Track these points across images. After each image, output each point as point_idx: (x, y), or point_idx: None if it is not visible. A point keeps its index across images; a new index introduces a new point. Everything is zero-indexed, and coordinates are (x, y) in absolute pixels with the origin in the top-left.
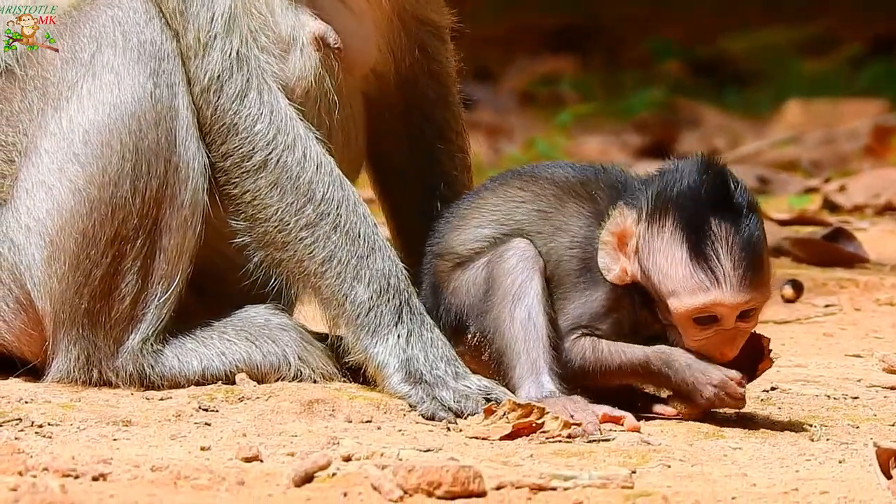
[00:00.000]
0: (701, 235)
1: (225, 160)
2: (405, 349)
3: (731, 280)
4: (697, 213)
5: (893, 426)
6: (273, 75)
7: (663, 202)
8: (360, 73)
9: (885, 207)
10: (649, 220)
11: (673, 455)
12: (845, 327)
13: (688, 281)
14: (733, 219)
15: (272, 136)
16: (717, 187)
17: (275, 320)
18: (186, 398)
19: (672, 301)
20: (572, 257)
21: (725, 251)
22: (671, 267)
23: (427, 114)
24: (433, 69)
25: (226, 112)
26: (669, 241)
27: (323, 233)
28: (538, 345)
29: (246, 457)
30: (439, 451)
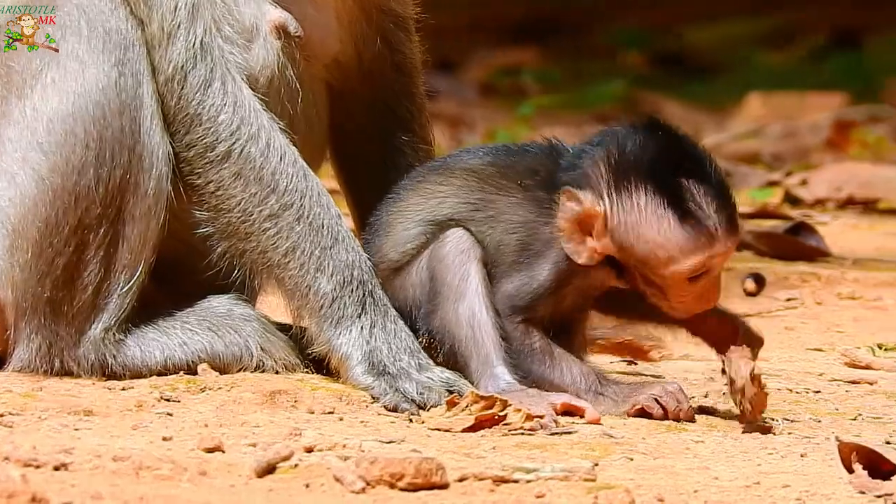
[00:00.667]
0: (679, 196)
1: (189, 150)
2: (368, 340)
3: (721, 230)
4: (665, 174)
5: (855, 420)
6: (236, 65)
7: (623, 172)
8: (322, 63)
9: (846, 201)
10: (614, 194)
11: (636, 448)
12: (807, 321)
13: (683, 244)
14: (699, 170)
15: (236, 127)
16: (672, 144)
17: (237, 311)
18: (148, 388)
19: (668, 269)
20: (511, 242)
21: (707, 204)
22: (662, 236)
23: (391, 105)
24: (397, 60)
25: (189, 102)
26: (649, 211)
27: (286, 224)
28: (487, 339)
29: (208, 447)
30: (402, 443)
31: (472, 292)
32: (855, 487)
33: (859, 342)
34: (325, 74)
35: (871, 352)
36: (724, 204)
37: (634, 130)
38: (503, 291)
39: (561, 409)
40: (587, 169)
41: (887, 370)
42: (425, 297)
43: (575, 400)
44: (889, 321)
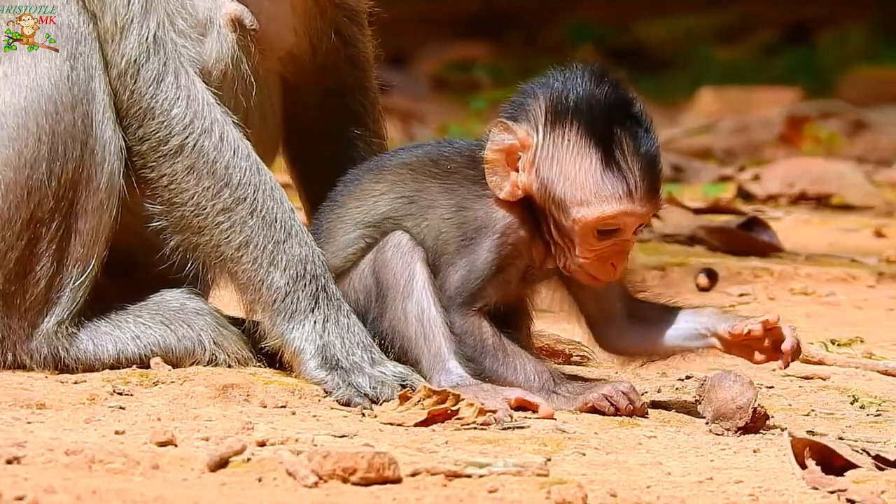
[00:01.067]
0: (610, 144)
1: (142, 144)
2: (321, 335)
3: (641, 190)
4: (604, 120)
5: (808, 416)
6: (190, 59)
7: (563, 109)
8: (276, 56)
9: (799, 196)
10: (549, 129)
11: (588, 443)
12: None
13: (600, 189)
14: (636, 129)
15: (189, 121)
16: (617, 96)
17: (190, 304)
18: (101, 382)
19: (579, 210)
20: (450, 228)
21: (635, 161)
22: (581, 174)
23: (344, 99)
24: (350, 54)
25: (142, 96)
26: (577, 149)
27: (239, 218)
28: (437, 334)
29: (160, 441)
30: (354, 437)
31: (419, 290)
32: (808, 483)
33: (812, 338)
34: (279, 68)
35: (824, 347)
36: (651, 167)
37: (583, 74)
38: (450, 282)
39: (515, 403)
40: (527, 103)
41: (840, 366)
42: (371, 301)
43: (529, 395)
44: (841, 317)
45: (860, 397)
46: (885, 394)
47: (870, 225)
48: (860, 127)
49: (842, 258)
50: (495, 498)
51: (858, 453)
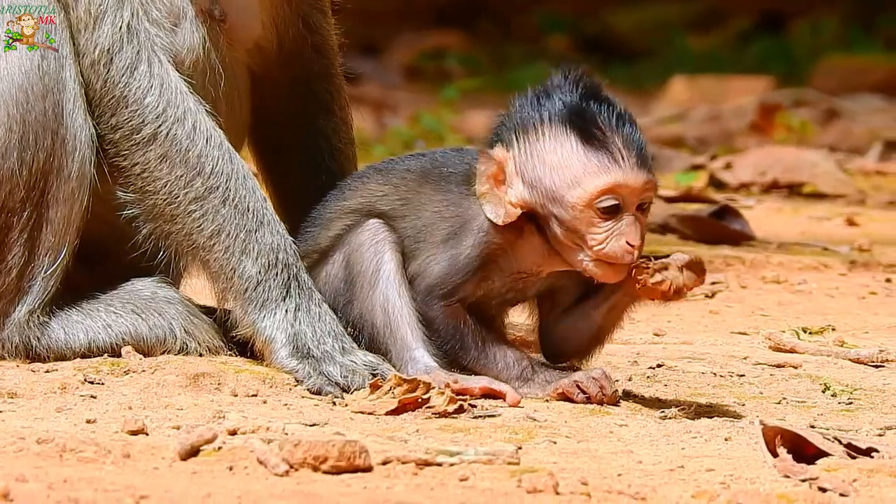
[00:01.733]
0: (585, 122)
1: (114, 132)
2: (293, 324)
3: (629, 158)
4: (574, 102)
5: (779, 404)
6: (163, 48)
7: (529, 115)
8: (244, 48)
9: (771, 185)
10: (522, 134)
11: (559, 431)
12: (731, 305)
13: (587, 165)
14: (607, 107)
15: (162, 109)
16: (586, 81)
17: (161, 293)
18: (72, 371)
19: (573, 193)
20: (438, 220)
21: (614, 133)
22: (564, 159)
23: (311, 87)
24: (316, 42)
25: (116, 84)
26: (553, 137)
27: (212, 206)
28: (403, 323)
29: (132, 430)
30: (325, 426)
31: (385, 279)
32: (779, 471)
33: (784, 326)
34: (247, 59)
35: (796, 335)
36: (635, 138)
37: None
38: (430, 273)
39: (480, 392)
40: (498, 127)
41: (811, 354)
42: (342, 286)
43: (495, 383)
44: (813, 305)
45: (832, 385)
46: (856, 382)
47: (842, 213)
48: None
49: (814, 246)
50: (466, 486)
51: (830, 441)
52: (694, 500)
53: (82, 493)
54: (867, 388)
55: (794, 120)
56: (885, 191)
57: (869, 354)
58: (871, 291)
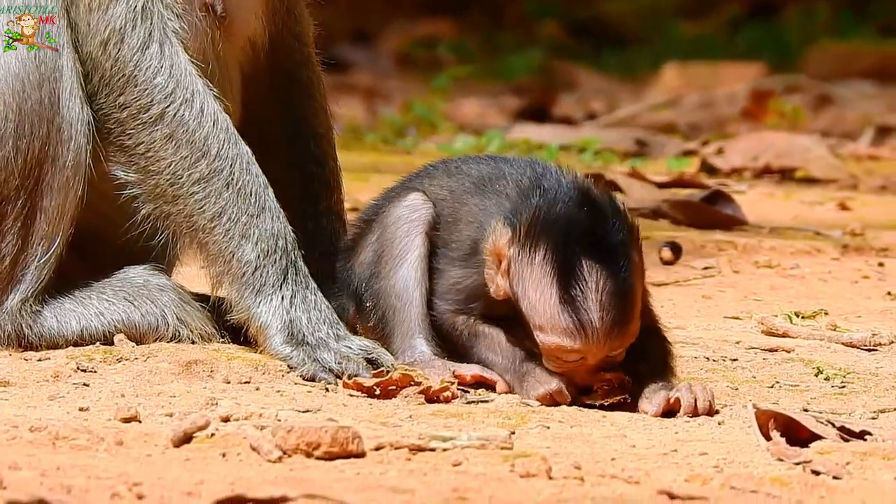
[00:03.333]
0: (572, 277)
1: (122, 111)
2: (289, 310)
3: (599, 333)
4: (570, 250)
5: (772, 388)
6: (174, 31)
7: (536, 228)
8: (238, 43)
9: (762, 170)
10: (521, 245)
11: (552, 416)
12: (724, 289)
13: (555, 322)
14: (605, 262)
15: (171, 90)
16: (593, 223)
17: (154, 281)
18: (65, 359)
19: (538, 334)
20: (464, 234)
21: (595, 300)
22: (540, 303)
23: (293, 74)
24: (297, 31)
25: (126, 63)
26: (540, 275)
27: (215, 189)
28: (413, 312)
29: (124, 417)
30: (318, 412)
31: (409, 265)
32: (773, 455)
33: (776, 310)
34: (239, 55)
35: (788, 320)
36: (615, 308)
37: (570, 192)
38: (444, 281)
39: (471, 380)
40: (521, 209)
41: (804, 338)
42: (372, 258)
43: (486, 371)
44: (806, 289)
45: (824, 369)
46: (849, 365)
47: (834, 198)
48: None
49: (806, 231)
50: (459, 471)
51: (823, 425)
52: (687, 483)
53: (75, 481)
54: (860, 372)
55: (786, 106)
56: (877, 175)
57: (861, 338)
58: (864, 275)
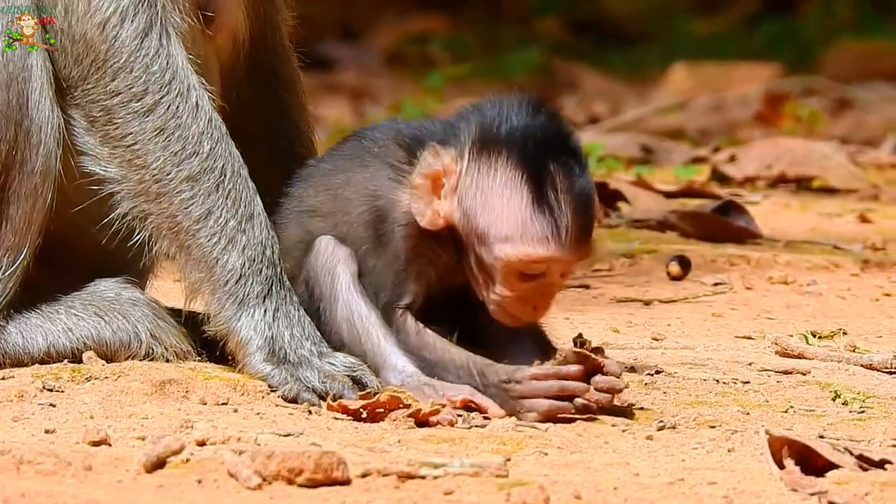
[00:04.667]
0: (542, 181)
1: (112, 97)
2: (271, 325)
3: (572, 235)
4: (537, 154)
5: (786, 413)
6: (174, 23)
7: (493, 137)
8: (221, 40)
9: (777, 179)
10: (476, 156)
11: (550, 442)
12: (736, 307)
13: (527, 229)
14: (570, 168)
15: (167, 80)
16: (554, 128)
17: (126, 294)
18: (30, 377)
19: (503, 248)
20: (361, 224)
21: (568, 203)
22: (508, 209)
23: (275, 69)
24: (276, 21)
25: (124, 46)
26: (506, 181)
27: (204, 188)
28: (372, 332)
29: (93, 440)
30: (300, 436)
31: (345, 292)
32: (786, 484)
33: (791, 330)
34: (219, 53)
35: (804, 340)
36: (584, 211)
37: (520, 104)
38: (372, 281)
39: (461, 404)
40: (458, 126)
41: (821, 360)
42: (312, 311)
43: (478, 395)
44: (823, 308)
45: (842, 393)
46: (868, 389)
47: (854, 209)
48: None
49: (824, 245)
50: (451, 500)
51: (840, 452)
52: None
53: None
54: (880, 396)
55: (802, 110)
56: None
57: (882, 360)
58: (885, 293)
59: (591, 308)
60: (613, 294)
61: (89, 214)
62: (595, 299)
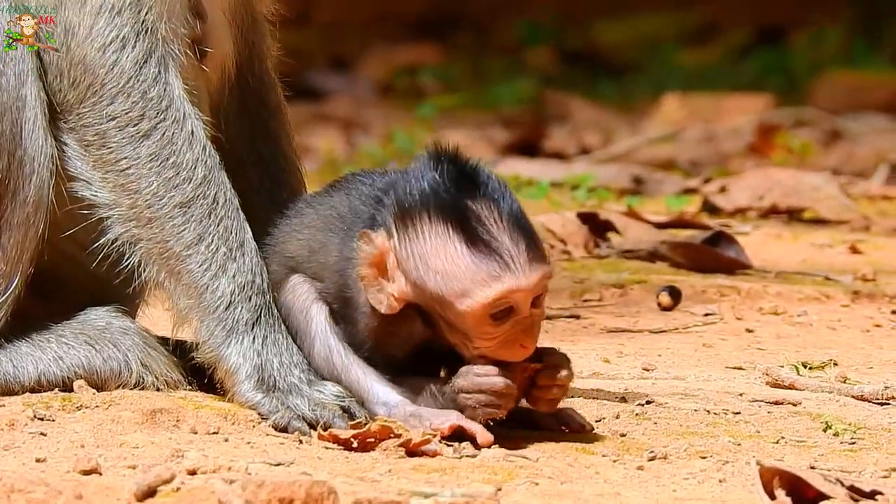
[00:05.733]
0: (468, 223)
1: (108, 121)
2: (260, 353)
3: (520, 260)
4: (452, 201)
5: (777, 444)
6: (172, 54)
7: (409, 204)
8: (213, 72)
9: (768, 210)
10: (403, 228)
11: (541, 472)
12: (726, 337)
13: (476, 273)
14: (489, 198)
15: (165, 107)
16: (457, 171)
17: (116, 323)
18: (21, 406)
19: (463, 302)
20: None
21: (500, 230)
22: (450, 264)
23: (262, 98)
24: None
25: (124, 72)
26: (437, 240)
27: (196, 214)
28: (351, 367)
29: (84, 469)
30: (291, 465)
31: (321, 331)
32: None
33: (782, 360)
34: (209, 86)
35: (795, 370)
36: (522, 232)
37: (422, 162)
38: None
39: (448, 431)
40: (380, 206)
41: (812, 390)
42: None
43: (465, 421)
44: (814, 338)
45: (833, 424)
46: (859, 420)
47: (845, 240)
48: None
49: (814, 276)
50: None
51: (832, 483)
52: None
53: None
54: (871, 427)
55: (794, 141)
56: (891, 217)
57: (873, 391)
58: (876, 324)
59: (581, 338)
60: (604, 324)
61: (80, 242)
62: (585, 329)
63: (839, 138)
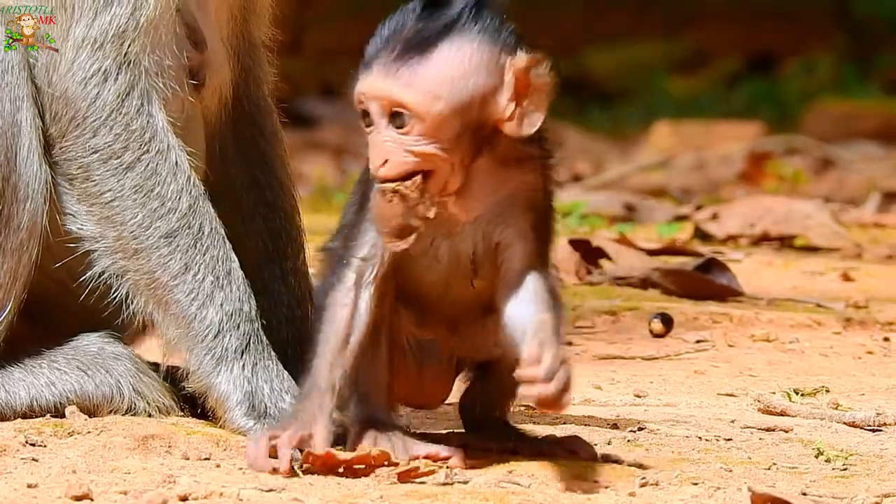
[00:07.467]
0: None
1: (91, 154)
2: (250, 380)
3: (380, 59)
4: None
5: (769, 470)
6: (156, 87)
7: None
8: (209, 99)
9: (760, 237)
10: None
11: (533, 498)
12: (718, 364)
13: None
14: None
15: (148, 139)
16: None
17: (109, 349)
18: (12, 432)
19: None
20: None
21: (383, 35)
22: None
23: (258, 123)
24: (259, 78)
25: (105, 104)
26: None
27: (182, 245)
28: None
29: (76, 495)
30: (282, 492)
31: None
32: None
33: (774, 387)
34: (206, 113)
35: (787, 397)
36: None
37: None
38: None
39: (424, 457)
40: None
41: (804, 417)
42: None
43: (443, 450)
44: (805, 365)
45: (825, 450)
46: (851, 447)
47: (836, 268)
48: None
49: (806, 303)
50: None
51: None
52: None
53: None
54: (863, 454)
55: (785, 169)
56: (883, 244)
57: (865, 418)
58: (868, 351)
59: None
60: (595, 351)
61: (72, 270)
62: (577, 356)
63: (830, 166)
